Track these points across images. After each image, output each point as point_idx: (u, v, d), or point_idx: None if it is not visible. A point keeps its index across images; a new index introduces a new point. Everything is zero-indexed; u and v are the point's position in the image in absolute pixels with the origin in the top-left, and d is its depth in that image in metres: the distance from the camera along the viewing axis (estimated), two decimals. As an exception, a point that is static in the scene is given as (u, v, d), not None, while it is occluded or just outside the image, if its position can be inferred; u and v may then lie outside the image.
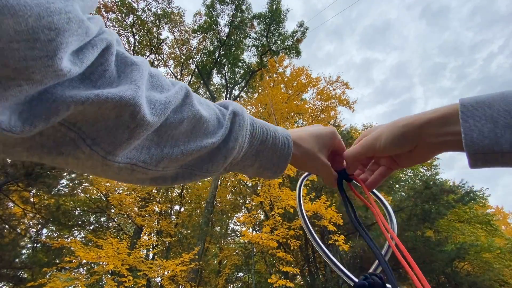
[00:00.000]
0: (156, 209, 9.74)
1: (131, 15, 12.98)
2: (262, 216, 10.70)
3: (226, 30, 15.22)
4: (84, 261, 5.93)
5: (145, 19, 13.39)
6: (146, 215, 8.92)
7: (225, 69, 16.47)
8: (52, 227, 10.29)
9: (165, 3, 13.68)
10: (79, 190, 9.34)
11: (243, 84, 16.84)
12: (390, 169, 0.46)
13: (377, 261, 0.37)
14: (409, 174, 16.90)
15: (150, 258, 8.85)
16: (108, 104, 0.21)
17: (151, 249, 8.87)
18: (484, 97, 0.31)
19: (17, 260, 8.36)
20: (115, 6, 12.54)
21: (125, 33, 13.49)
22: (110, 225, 10.91)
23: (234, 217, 13.05)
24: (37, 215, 8.63)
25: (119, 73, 0.25)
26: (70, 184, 8.89)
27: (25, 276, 8.62)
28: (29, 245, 9.35)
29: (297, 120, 13.66)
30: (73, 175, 8.52)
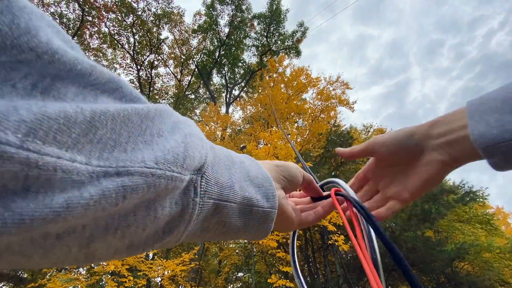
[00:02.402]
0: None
1: (131, 15, 12.98)
2: (262, 216, 10.70)
3: (226, 30, 15.23)
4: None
5: (145, 19, 13.40)
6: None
7: (225, 69, 16.48)
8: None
9: (165, 3, 13.69)
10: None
11: (243, 84, 16.84)
12: (398, 201, 0.38)
13: None
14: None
15: (150, 258, 8.85)
16: None
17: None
18: (489, 93, 0.30)
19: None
20: (115, 6, 12.54)
21: (125, 33, 13.50)
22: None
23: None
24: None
25: None
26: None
27: (25, 276, 8.63)
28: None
29: (297, 120, 13.67)
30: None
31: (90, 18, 12.59)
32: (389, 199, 0.39)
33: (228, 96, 16.31)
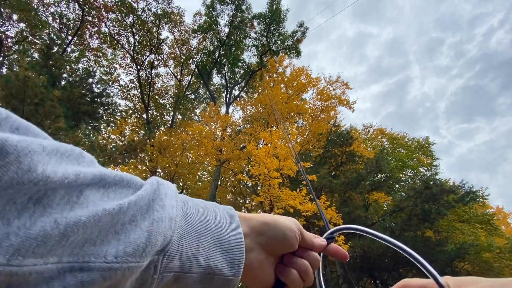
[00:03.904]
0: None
1: (131, 15, 12.98)
2: (262, 216, 10.69)
3: (226, 30, 15.23)
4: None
5: (145, 19, 13.39)
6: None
7: (225, 69, 16.48)
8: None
9: (165, 3, 13.69)
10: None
11: (243, 84, 16.84)
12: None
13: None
14: (409, 174, 16.93)
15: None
16: None
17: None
18: None
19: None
20: (115, 6, 12.54)
21: (125, 33, 13.50)
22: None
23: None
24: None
25: None
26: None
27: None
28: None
29: (297, 120, 13.67)
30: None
31: (90, 18, 12.58)
32: None
33: (228, 96, 16.31)
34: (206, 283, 0.28)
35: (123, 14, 12.83)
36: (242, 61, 16.45)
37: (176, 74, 15.96)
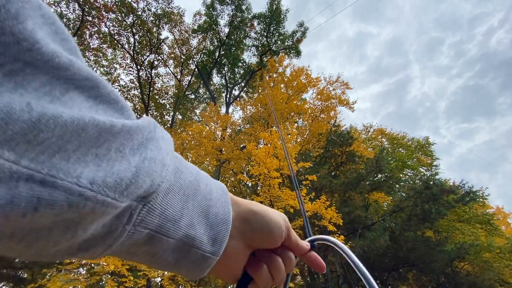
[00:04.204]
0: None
1: (131, 15, 12.98)
2: (262, 216, 10.71)
3: (226, 30, 15.24)
4: (84, 261, 5.93)
5: (145, 19, 13.40)
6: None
7: (225, 69, 16.49)
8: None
9: (165, 3, 13.69)
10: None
11: (243, 84, 16.85)
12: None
13: None
14: (409, 174, 16.93)
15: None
16: None
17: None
18: None
19: (17, 260, 8.36)
20: (115, 6, 12.54)
21: (125, 33, 13.50)
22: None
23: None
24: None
25: None
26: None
27: (25, 276, 8.63)
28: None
29: (297, 120, 13.67)
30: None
31: (90, 18, 12.59)
32: None
33: (228, 96, 16.32)
34: (181, 254, 0.24)
35: (123, 14, 12.84)
36: (242, 61, 16.46)
37: (176, 74, 15.96)
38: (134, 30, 13.27)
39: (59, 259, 0.19)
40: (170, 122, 14.80)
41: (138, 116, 0.21)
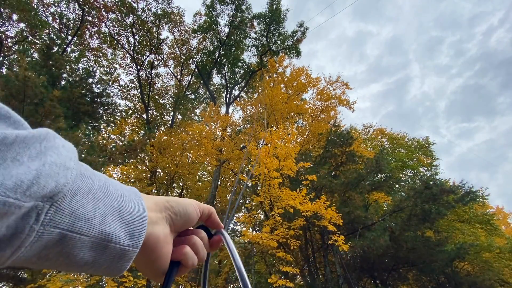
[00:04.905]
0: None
1: (131, 15, 12.98)
2: (262, 216, 10.71)
3: (226, 30, 15.24)
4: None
5: (145, 19, 13.40)
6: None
7: (225, 69, 16.49)
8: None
9: (165, 3, 13.69)
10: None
11: (243, 84, 16.85)
12: None
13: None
14: (409, 174, 16.92)
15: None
16: None
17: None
18: None
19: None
20: (115, 6, 12.54)
21: (125, 33, 13.50)
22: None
23: (234, 217, 13.06)
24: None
25: None
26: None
27: (25, 276, 8.62)
28: (29, 245, 9.33)
29: (297, 120, 13.67)
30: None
31: (90, 18, 12.59)
32: None
33: (228, 96, 16.32)
34: (98, 251, 0.25)
35: (123, 14, 12.84)
36: (242, 61, 16.46)
37: (176, 74, 15.96)
38: (134, 30, 13.27)
39: None
40: (170, 122, 14.81)
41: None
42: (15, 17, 10.85)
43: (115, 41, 13.41)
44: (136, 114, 14.82)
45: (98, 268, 0.26)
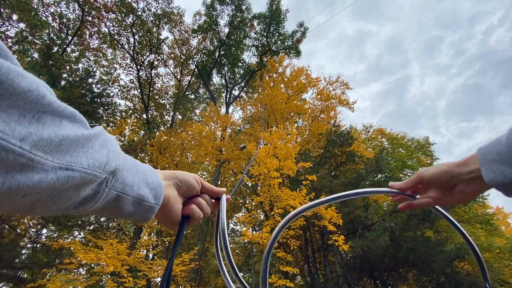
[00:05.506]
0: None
1: (131, 15, 12.98)
2: (262, 216, 10.70)
3: (226, 30, 15.24)
4: (84, 261, 5.93)
5: (145, 19, 13.39)
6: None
7: (225, 69, 16.48)
8: (52, 227, 10.29)
9: (165, 3, 13.69)
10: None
11: (243, 84, 16.85)
12: (436, 201, 0.56)
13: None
14: (409, 174, 16.92)
15: (150, 258, 8.85)
16: None
17: (151, 249, 8.86)
18: (489, 144, 0.44)
19: (17, 260, 8.35)
20: (115, 6, 12.54)
21: (125, 33, 13.50)
22: (110, 225, 10.90)
23: (234, 217, 13.05)
24: (37, 215, 8.60)
25: None
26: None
27: (25, 276, 8.62)
28: (29, 245, 9.34)
29: (297, 120, 13.66)
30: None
31: (90, 18, 12.58)
32: (427, 198, 0.57)
33: (228, 96, 16.32)
34: (137, 206, 0.38)
35: (123, 14, 12.83)
36: (242, 61, 16.46)
37: (176, 74, 15.96)
38: (134, 30, 13.27)
39: (66, 212, 0.31)
40: (170, 122, 14.80)
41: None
42: (15, 17, 10.84)
43: (115, 41, 13.40)
44: (136, 114, 14.82)
45: (135, 217, 0.40)
